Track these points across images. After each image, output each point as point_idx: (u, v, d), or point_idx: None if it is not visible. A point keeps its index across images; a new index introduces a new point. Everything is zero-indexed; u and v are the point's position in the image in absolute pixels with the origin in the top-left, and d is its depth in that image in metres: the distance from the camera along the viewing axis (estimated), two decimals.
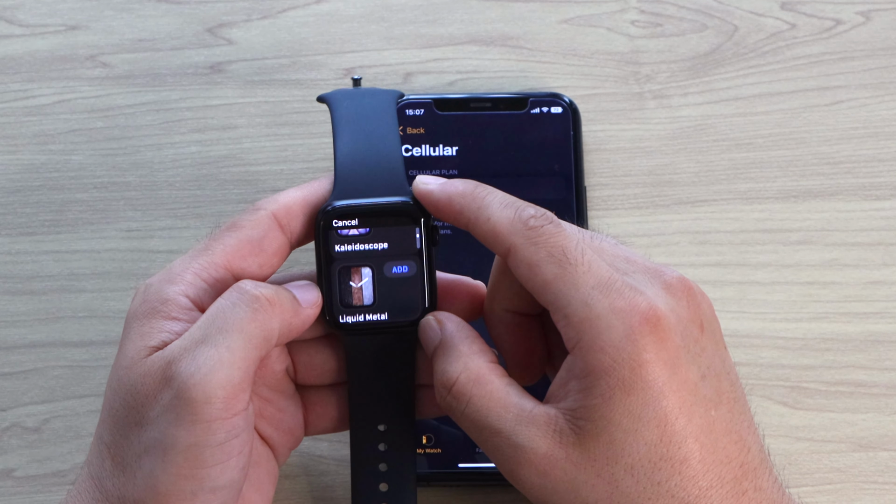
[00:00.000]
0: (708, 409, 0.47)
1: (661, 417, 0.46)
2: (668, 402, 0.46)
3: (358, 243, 0.51)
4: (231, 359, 0.47)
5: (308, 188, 0.52)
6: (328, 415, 0.54)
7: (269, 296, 0.49)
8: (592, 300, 0.47)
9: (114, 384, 0.49)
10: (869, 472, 0.59)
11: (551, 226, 0.49)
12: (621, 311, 0.47)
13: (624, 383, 0.46)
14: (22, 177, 0.66)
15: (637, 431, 0.46)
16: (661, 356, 0.46)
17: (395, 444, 0.53)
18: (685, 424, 0.46)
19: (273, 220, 0.51)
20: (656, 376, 0.46)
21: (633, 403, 0.46)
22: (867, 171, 0.65)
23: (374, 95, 0.55)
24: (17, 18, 0.69)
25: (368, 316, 0.51)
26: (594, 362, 0.46)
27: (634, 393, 0.46)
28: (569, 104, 0.65)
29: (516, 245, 0.49)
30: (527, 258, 0.48)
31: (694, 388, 0.47)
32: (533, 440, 0.47)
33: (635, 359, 0.46)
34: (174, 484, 0.47)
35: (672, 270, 0.49)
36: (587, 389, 0.46)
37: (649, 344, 0.46)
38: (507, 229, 0.49)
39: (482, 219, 0.50)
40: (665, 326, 0.47)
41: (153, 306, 0.50)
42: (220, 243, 0.51)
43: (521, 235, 0.49)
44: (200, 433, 0.46)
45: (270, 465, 0.53)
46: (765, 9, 0.69)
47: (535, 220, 0.49)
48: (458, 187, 0.51)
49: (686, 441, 0.46)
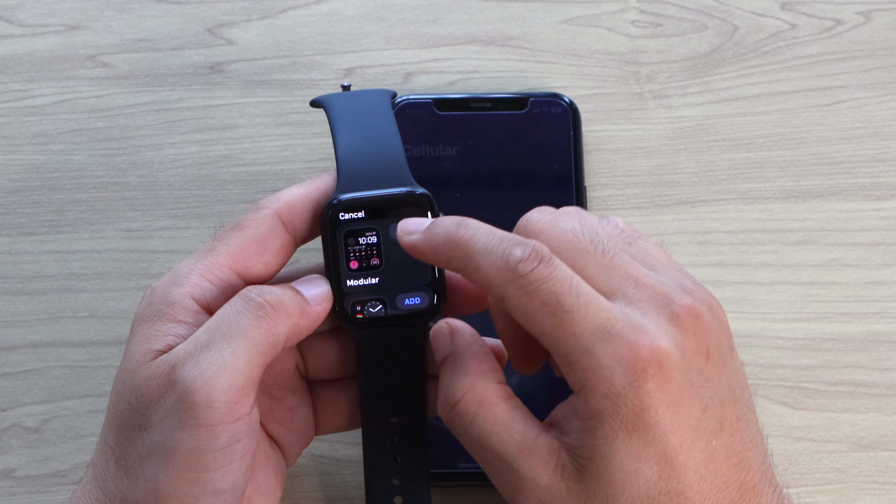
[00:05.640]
0: (710, 440, 0.47)
1: (662, 455, 0.46)
2: (670, 441, 0.46)
3: (366, 236, 0.51)
4: (235, 364, 0.47)
5: (311, 185, 0.52)
6: (338, 412, 0.54)
7: (274, 301, 0.49)
8: (594, 348, 0.46)
9: (118, 387, 0.49)
10: (869, 472, 0.59)
11: (542, 267, 0.46)
12: (623, 358, 0.46)
13: (627, 426, 0.46)
14: (22, 177, 0.66)
15: (638, 471, 0.46)
16: (665, 398, 0.46)
17: (408, 437, 0.53)
18: (685, 459, 0.46)
19: (277, 219, 0.51)
20: (659, 419, 0.46)
21: (635, 445, 0.46)
22: (867, 171, 0.65)
23: (369, 95, 0.55)
24: (17, 18, 0.69)
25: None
26: (598, 407, 0.46)
27: (636, 435, 0.46)
28: (569, 104, 0.65)
29: (508, 295, 0.47)
30: (521, 308, 0.47)
31: (696, 423, 0.46)
32: (535, 470, 0.47)
33: (638, 404, 0.46)
34: (176, 487, 0.47)
35: (682, 296, 0.48)
36: (590, 430, 0.46)
37: (653, 388, 0.46)
38: (497, 280, 0.47)
39: (470, 268, 0.48)
40: (668, 367, 0.46)
41: (159, 309, 0.50)
42: (225, 244, 0.51)
43: (511, 285, 0.47)
44: (203, 437, 0.46)
45: (279, 468, 0.53)
46: (765, 9, 0.69)
47: (524, 266, 0.46)
48: (439, 237, 0.49)
49: (686, 475, 0.46)
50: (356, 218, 0.51)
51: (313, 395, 0.54)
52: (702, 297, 0.49)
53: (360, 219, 0.51)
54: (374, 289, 0.51)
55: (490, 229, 0.48)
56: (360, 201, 0.51)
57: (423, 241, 0.49)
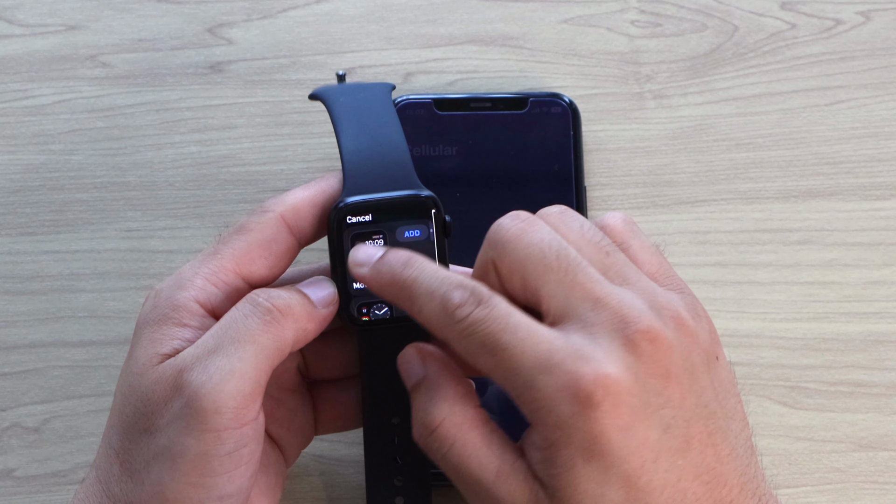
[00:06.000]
0: (675, 459, 0.46)
1: (625, 478, 0.45)
2: (629, 465, 0.45)
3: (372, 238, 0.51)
4: (243, 369, 0.47)
5: (315, 187, 0.52)
6: (339, 412, 0.54)
7: (281, 306, 0.49)
8: (535, 382, 0.46)
9: (124, 390, 0.49)
10: (869, 472, 0.59)
11: (479, 310, 0.47)
12: (566, 389, 0.45)
13: (583, 454, 0.45)
14: (22, 177, 0.66)
15: (604, 495, 0.45)
16: (616, 423, 0.45)
17: (409, 438, 0.53)
18: (649, 480, 0.46)
19: (281, 222, 0.51)
20: (613, 444, 0.45)
21: (595, 470, 0.45)
22: (867, 171, 0.65)
23: (369, 89, 0.55)
24: (17, 18, 0.69)
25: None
26: (550, 437, 0.46)
27: (594, 460, 0.45)
28: (569, 104, 0.65)
29: (450, 339, 0.47)
30: (462, 351, 0.47)
31: (655, 444, 0.46)
32: (513, 496, 0.46)
33: (589, 431, 0.45)
34: (182, 491, 0.47)
35: (642, 318, 0.47)
36: (549, 460, 0.46)
37: (601, 416, 0.45)
38: (437, 325, 0.47)
39: (415, 310, 0.48)
40: (617, 392, 0.45)
41: (164, 312, 0.49)
42: (229, 247, 0.51)
43: (451, 330, 0.47)
44: (209, 442, 0.46)
45: (279, 468, 0.53)
46: (765, 9, 0.69)
47: (461, 311, 0.47)
48: (385, 275, 0.49)
49: (652, 496, 0.46)
50: (363, 221, 0.51)
51: (314, 395, 0.54)
52: (673, 313, 0.48)
53: (366, 222, 0.51)
54: None
55: (434, 270, 0.48)
56: (366, 204, 0.51)
57: (370, 277, 0.49)
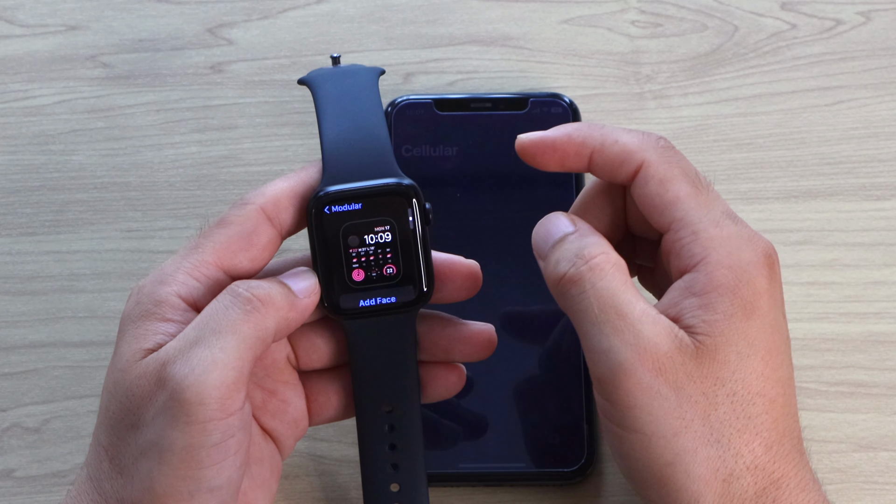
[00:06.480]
0: (790, 367, 0.49)
1: (768, 351, 0.47)
2: (774, 340, 0.48)
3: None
4: (225, 359, 0.47)
5: (295, 178, 0.52)
6: (331, 402, 0.54)
7: (261, 296, 0.49)
8: (723, 223, 0.49)
9: (110, 387, 0.49)
10: (869, 472, 0.59)
11: (680, 152, 0.51)
12: (749, 240, 0.49)
13: (745, 306, 0.47)
14: (22, 177, 0.66)
15: (749, 357, 0.47)
16: (774, 294, 0.48)
17: (403, 424, 0.53)
18: (778, 367, 0.48)
19: (262, 214, 0.51)
20: (769, 310, 0.48)
21: (750, 329, 0.47)
22: (867, 171, 0.65)
23: (356, 74, 0.54)
24: (17, 18, 0.69)
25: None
26: (720, 279, 0.47)
27: (752, 319, 0.47)
28: (569, 104, 0.65)
29: (649, 160, 0.50)
30: (660, 173, 0.50)
31: (786, 340, 0.49)
32: (659, 335, 0.47)
33: (757, 285, 0.48)
34: (171, 485, 0.47)
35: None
36: (709, 306, 0.47)
37: (768, 278, 0.48)
38: (639, 146, 0.50)
39: (609, 141, 0.51)
40: (776, 271, 0.49)
41: (146, 308, 0.49)
42: (210, 241, 0.51)
43: (654, 152, 0.50)
44: (196, 434, 0.46)
45: (274, 461, 0.53)
46: (765, 9, 0.69)
47: (665, 143, 0.51)
48: (571, 125, 0.52)
49: (779, 383, 0.48)
50: (341, 211, 0.51)
51: (305, 385, 0.54)
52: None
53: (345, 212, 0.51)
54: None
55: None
56: (345, 193, 0.51)
57: (552, 131, 0.52)
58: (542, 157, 0.52)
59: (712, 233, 0.48)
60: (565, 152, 0.51)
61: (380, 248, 0.51)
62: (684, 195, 0.49)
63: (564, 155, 0.52)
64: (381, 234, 0.51)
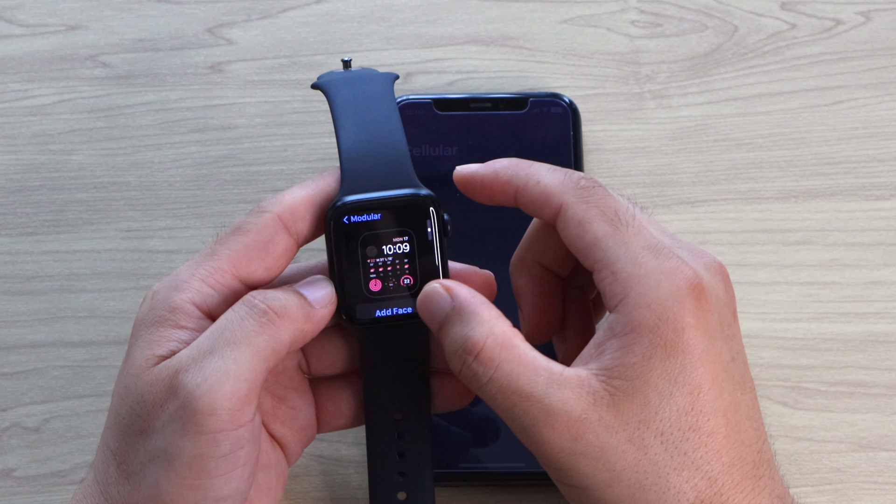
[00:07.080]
0: (735, 390, 0.47)
1: (695, 386, 0.46)
2: (703, 373, 0.46)
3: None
4: (238, 371, 0.47)
5: (313, 186, 0.51)
6: (341, 409, 0.54)
7: (277, 308, 0.48)
8: (642, 259, 0.47)
9: (121, 391, 0.49)
10: (869, 472, 0.59)
11: (601, 189, 0.50)
12: (670, 273, 0.47)
13: (665, 344, 0.46)
14: (22, 177, 0.66)
15: (671, 395, 0.46)
16: (701, 325, 0.47)
17: (412, 433, 0.53)
18: (714, 398, 0.47)
19: (279, 223, 0.50)
20: (695, 343, 0.46)
21: (671, 367, 0.46)
22: (867, 171, 0.65)
23: (371, 80, 0.54)
24: (17, 18, 0.69)
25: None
26: (639, 318, 0.46)
27: (674, 356, 0.46)
28: (569, 104, 0.65)
29: (567, 203, 0.49)
30: (578, 215, 0.49)
31: (725, 366, 0.47)
32: (566, 402, 0.46)
33: (679, 321, 0.46)
34: (178, 494, 0.47)
35: (712, 255, 0.50)
36: (628, 347, 0.46)
37: (693, 310, 0.47)
38: (559, 189, 0.50)
39: (531, 183, 0.50)
40: (706, 298, 0.47)
41: (161, 314, 0.49)
42: (226, 248, 0.50)
43: (572, 194, 0.49)
44: (205, 444, 0.46)
45: (280, 468, 0.53)
46: (765, 9, 0.69)
47: (585, 182, 0.50)
48: (501, 162, 0.51)
49: (715, 415, 0.46)
50: (360, 221, 0.51)
51: (315, 392, 0.54)
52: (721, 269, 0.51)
53: (364, 222, 0.51)
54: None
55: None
56: (364, 203, 0.51)
57: (483, 167, 0.51)
58: (473, 192, 0.52)
59: (630, 271, 0.47)
60: (493, 189, 0.51)
61: (398, 258, 0.51)
62: (602, 235, 0.48)
63: (492, 192, 0.51)
64: (399, 244, 0.51)
